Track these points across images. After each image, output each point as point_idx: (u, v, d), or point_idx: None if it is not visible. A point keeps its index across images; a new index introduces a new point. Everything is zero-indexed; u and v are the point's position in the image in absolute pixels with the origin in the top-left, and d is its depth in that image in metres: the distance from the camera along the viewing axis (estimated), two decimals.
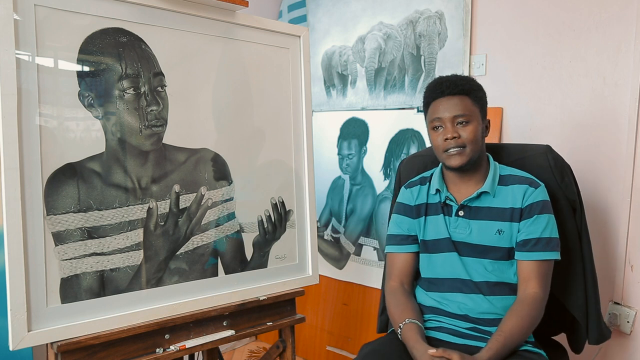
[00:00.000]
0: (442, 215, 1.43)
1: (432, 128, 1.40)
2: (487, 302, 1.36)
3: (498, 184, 1.40)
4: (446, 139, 1.35)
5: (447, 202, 1.43)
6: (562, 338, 1.57)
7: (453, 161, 1.36)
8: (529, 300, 1.31)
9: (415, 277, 1.51)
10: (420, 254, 1.48)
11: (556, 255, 1.35)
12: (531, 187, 1.37)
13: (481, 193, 1.39)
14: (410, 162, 1.68)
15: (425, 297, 1.45)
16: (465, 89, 1.38)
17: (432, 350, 1.22)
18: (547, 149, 1.50)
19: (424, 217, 1.46)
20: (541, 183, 1.39)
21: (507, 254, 1.37)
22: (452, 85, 1.37)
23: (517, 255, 1.36)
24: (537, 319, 1.31)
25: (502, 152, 1.55)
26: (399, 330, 1.35)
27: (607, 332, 1.49)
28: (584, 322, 1.46)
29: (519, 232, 1.36)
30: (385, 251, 1.54)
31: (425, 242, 1.46)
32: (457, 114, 1.35)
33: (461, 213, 1.41)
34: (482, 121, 1.39)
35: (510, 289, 1.37)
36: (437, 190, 1.45)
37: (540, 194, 1.37)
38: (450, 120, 1.36)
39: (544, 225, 1.34)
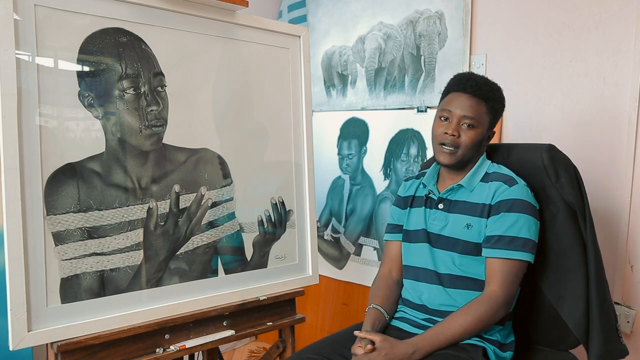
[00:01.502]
0: (424, 207, 1.47)
1: (440, 117, 1.41)
2: (445, 294, 1.38)
3: (481, 180, 1.40)
4: (446, 133, 1.37)
5: (430, 195, 1.47)
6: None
7: (442, 157, 1.39)
8: (485, 299, 1.30)
9: None
10: (402, 243, 1.53)
11: (523, 256, 1.30)
12: (505, 184, 1.36)
13: (457, 187, 1.41)
14: (430, 164, 1.69)
15: (404, 287, 1.51)
16: (486, 96, 1.38)
17: (357, 332, 1.31)
18: (547, 147, 1.45)
19: (409, 208, 1.52)
20: (520, 181, 1.37)
21: (475, 249, 1.37)
22: (477, 87, 1.38)
23: (482, 252, 1.35)
24: (490, 318, 1.29)
25: (505, 152, 1.54)
26: (366, 314, 1.42)
27: (619, 350, 1.35)
28: (581, 335, 1.35)
29: (486, 227, 1.35)
30: (383, 239, 1.62)
31: (407, 232, 1.51)
32: (467, 114, 1.36)
33: (441, 206, 1.44)
34: (488, 130, 1.40)
35: (475, 284, 1.37)
36: (423, 185, 1.50)
37: (514, 192, 1.34)
38: (458, 118, 1.37)
39: (511, 224, 1.31)
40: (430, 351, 1.26)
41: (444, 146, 1.38)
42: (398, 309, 1.48)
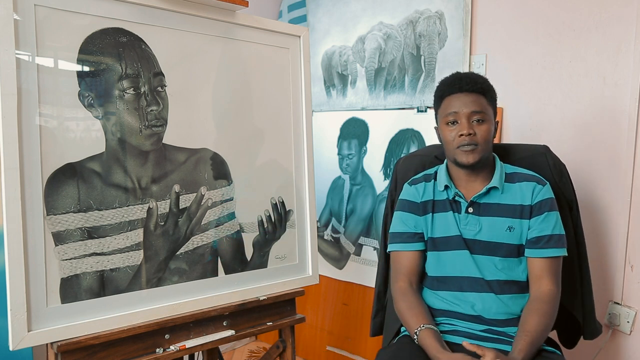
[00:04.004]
0: (451, 212, 1.41)
1: (446, 123, 1.38)
2: (498, 301, 1.34)
3: (505, 181, 1.40)
4: (461, 134, 1.34)
5: (456, 198, 1.41)
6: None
7: (465, 158, 1.34)
8: (546, 297, 1.31)
9: (421, 277, 1.47)
10: (428, 252, 1.44)
11: (565, 252, 1.36)
12: (539, 184, 1.38)
13: (490, 189, 1.38)
14: (407, 162, 1.66)
15: (433, 299, 1.42)
16: (483, 88, 1.38)
17: (465, 343, 1.21)
18: (546, 149, 1.52)
19: (431, 214, 1.43)
20: (547, 181, 1.40)
21: (516, 251, 1.36)
22: (472, 83, 1.37)
23: (528, 252, 1.35)
24: (555, 316, 1.32)
25: (502, 152, 1.55)
26: (415, 336, 1.31)
27: (599, 327, 1.53)
28: (580, 318, 1.49)
29: (529, 229, 1.35)
30: (388, 250, 1.49)
31: (434, 239, 1.42)
32: (475, 110, 1.34)
33: (471, 210, 1.39)
34: (494, 121, 1.40)
35: (518, 287, 1.36)
36: (446, 187, 1.42)
37: (548, 191, 1.38)
38: (467, 116, 1.34)
39: (554, 222, 1.35)
40: None
41: (463, 147, 1.34)
42: (442, 322, 1.38)
